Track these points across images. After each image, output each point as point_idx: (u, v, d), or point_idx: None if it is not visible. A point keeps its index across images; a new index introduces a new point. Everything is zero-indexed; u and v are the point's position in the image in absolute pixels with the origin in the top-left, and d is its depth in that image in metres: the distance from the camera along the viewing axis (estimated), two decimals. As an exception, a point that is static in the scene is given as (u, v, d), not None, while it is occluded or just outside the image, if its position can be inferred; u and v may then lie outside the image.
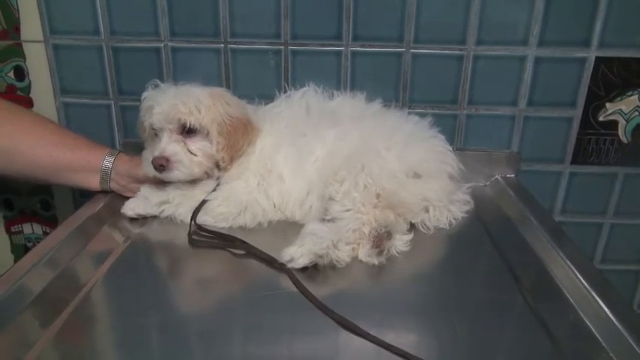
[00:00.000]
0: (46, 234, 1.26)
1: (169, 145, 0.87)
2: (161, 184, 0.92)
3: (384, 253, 0.79)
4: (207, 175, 0.92)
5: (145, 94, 0.90)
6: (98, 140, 1.00)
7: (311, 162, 0.91)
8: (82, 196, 1.18)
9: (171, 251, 0.84)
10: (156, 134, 0.89)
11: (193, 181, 0.91)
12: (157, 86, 0.90)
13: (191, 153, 0.88)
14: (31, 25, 1.06)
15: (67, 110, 1.13)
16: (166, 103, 0.86)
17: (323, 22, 1.04)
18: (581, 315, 0.66)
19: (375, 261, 0.78)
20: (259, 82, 1.08)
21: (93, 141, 0.98)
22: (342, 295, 0.71)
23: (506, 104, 1.09)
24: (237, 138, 0.89)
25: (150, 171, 0.87)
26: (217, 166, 0.91)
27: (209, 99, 0.88)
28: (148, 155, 0.88)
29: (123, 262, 0.80)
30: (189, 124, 0.86)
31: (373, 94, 1.01)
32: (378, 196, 0.84)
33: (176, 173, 0.87)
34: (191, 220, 0.87)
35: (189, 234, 0.85)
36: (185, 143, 0.88)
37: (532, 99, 1.08)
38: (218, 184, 0.91)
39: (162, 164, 0.86)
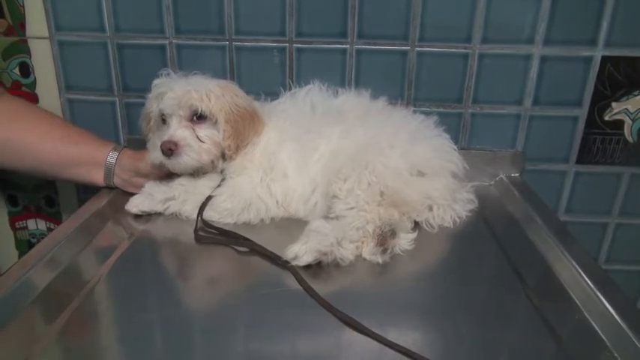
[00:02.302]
0: (50, 230, 1.27)
1: (178, 130, 0.87)
2: (165, 179, 0.92)
3: (388, 251, 0.79)
4: (213, 165, 0.92)
5: (156, 82, 0.91)
6: (103, 137, 1.00)
7: (315, 159, 0.91)
8: (87, 192, 1.18)
9: (176, 248, 0.85)
10: (164, 121, 0.90)
11: (197, 176, 0.92)
12: (168, 75, 0.91)
13: (199, 140, 0.88)
14: (37, 22, 1.07)
15: (71, 107, 1.14)
16: (180, 89, 0.87)
17: (328, 19, 1.04)
18: (586, 315, 0.66)
19: (379, 259, 0.78)
20: (264, 79, 1.08)
21: (98, 136, 0.98)
22: (345, 293, 0.71)
23: (511, 103, 1.09)
24: (244, 127, 0.90)
25: (157, 157, 0.87)
26: (223, 156, 0.91)
27: (219, 89, 0.89)
28: (156, 141, 0.88)
29: (127, 258, 0.80)
30: (200, 111, 0.87)
31: (378, 92, 1.01)
32: (381, 194, 0.84)
33: (185, 158, 0.87)
34: (198, 215, 0.87)
35: (196, 230, 0.85)
36: (194, 130, 0.88)
37: (537, 98, 1.08)
38: (223, 179, 0.91)
39: (170, 148, 0.86)
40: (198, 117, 0.88)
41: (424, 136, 0.94)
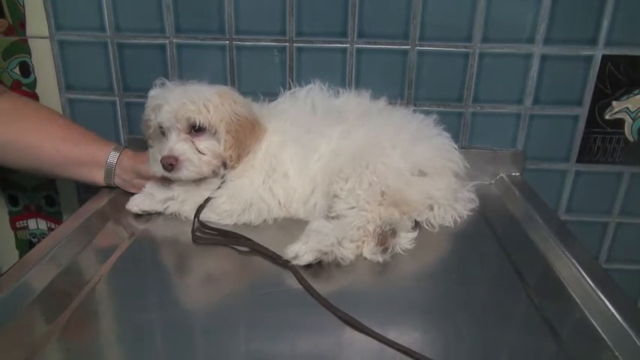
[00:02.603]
0: (50, 230, 1.27)
1: (178, 144, 0.87)
2: (166, 180, 0.92)
3: (389, 250, 0.79)
4: (215, 174, 0.92)
5: (151, 93, 0.91)
6: (103, 137, 1.00)
7: (315, 159, 0.91)
8: (87, 191, 1.18)
9: (176, 248, 0.85)
10: (163, 133, 0.89)
11: (199, 179, 0.91)
12: (163, 84, 0.90)
13: (199, 152, 0.88)
14: (37, 21, 1.07)
15: (71, 106, 1.13)
16: (175, 101, 0.86)
17: (328, 19, 1.04)
18: (587, 314, 0.66)
19: (380, 258, 0.78)
20: (264, 79, 1.08)
21: (99, 136, 0.98)
22: (346, 293, 0.71)
23: (511, 102, 1.08)
24: (245, 136, 0.89)
25: (158, 171, 0.87)
26: (224, 164, 0.91)
27: (217, 98, 0.87)
28: (156, 155, 0.88)
29: (127, 258, 0.80)
30: (199, 123, 0.86)
31: (378, 92, 1.01)
32: (382, 193, 0.84)
33: (185, 172, 0.86)
34: (195, 217, 0.87)
35: (193, 231, 0.85)
36: (193, 142, 0.87)
37: (538, 97, 1.08)
38: (223, 182, 0.91)
39: (171, 163, 0.85)
40: (196, 129, 0.87)
41: (425, 135, 0.94)
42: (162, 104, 0.87)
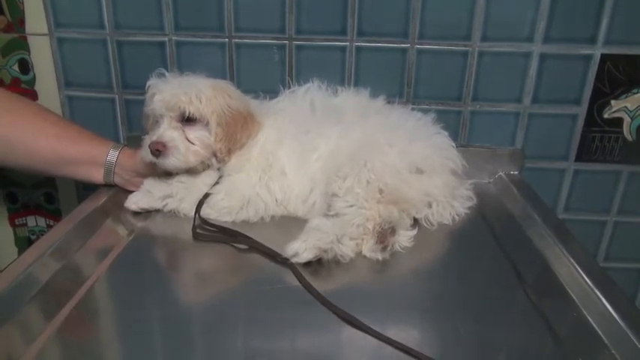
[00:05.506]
0: (49, 227, 1.27)
1: (167, 131, 0.87)
2: (164, 177, 0.92)
3: (388, 248, 0.79)
4: (206, 166, 0.92)
5: (149, 82, 0.91)
6: (102, 134, 1.00)
7: (314, 158, 0.91)
8: (86, 189, 1.18)
9: (175, 245, 0.85)
10: (157, 121, 0.90)
11: (195, 174, 0.92)
12: (162, 75, 0.91)
13: (189, 141, 0.88)
14: (36, 18, 1.06)
15: (71, 104, 1.13)
16: (168, 91, 0.87)
17: (328, 17, 1.04)
18: (584, 312, 0.66)
19: (379, 256, 0.78)
20: (264, 77, 1.08)
21: (96, 134, 0.98)
22: (345, 290, 0.71)
23: (510, 101, 1.09)
24: (236, 130, 0.89)
25: (147, 156, 0.88)
26: (216, 157, 0.91)
27: (211, 90, 0.88)
28: (146, 141, 0.89)
29: (126, 255, 0.80)
30: (189, 113, 0.87)
31: (377, 90, 1.01)
32: (381, 191, 0.84)
33: (171, 159, 0.87)
34: (195, 213, 0.87)
35: (194, 228, 0.85)
36: (184, 131, 0.88)
37: (537, 96, 1.08)
38: (220, 177, 0.91)
39: (158, 149, 0.86)
40: (187, 119, 0.88)
41: (423, 133, 0.94)
42: (155, 93, 0.88)
